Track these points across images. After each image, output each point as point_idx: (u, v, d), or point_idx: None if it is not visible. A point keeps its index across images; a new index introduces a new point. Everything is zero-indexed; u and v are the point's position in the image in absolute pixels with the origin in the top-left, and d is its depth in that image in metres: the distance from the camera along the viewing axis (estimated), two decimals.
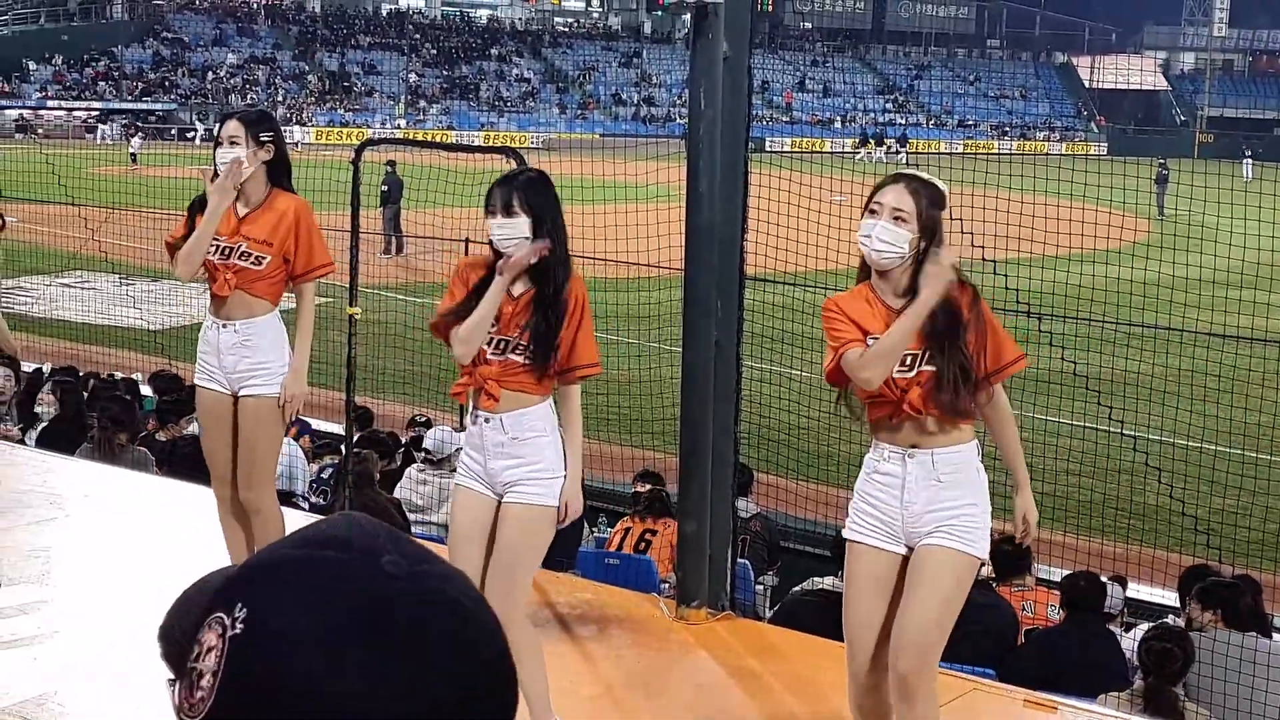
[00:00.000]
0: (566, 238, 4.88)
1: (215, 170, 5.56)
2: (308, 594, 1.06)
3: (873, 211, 4.30)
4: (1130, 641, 7.31)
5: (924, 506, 4.30)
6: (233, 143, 5.49)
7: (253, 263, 5.55)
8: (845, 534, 4.48)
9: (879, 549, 4.37)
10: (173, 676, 1.16)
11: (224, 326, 5.60)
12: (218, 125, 5.64)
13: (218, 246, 5.57)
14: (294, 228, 5.56)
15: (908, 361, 4.26)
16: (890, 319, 4.26)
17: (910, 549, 4.35)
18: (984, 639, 7.12)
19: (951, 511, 4.29)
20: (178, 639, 1.17)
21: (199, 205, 5.64)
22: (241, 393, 5.63)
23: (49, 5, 68.70)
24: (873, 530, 4.37)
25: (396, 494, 9.21)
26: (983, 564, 4.41)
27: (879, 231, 4.25)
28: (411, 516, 9.08)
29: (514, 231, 4.72)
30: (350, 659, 1.03)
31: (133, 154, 46.45)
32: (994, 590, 7.73)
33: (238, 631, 1.05)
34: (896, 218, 4.24)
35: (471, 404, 4.88)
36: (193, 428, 10.43)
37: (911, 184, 4.32)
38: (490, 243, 4.82)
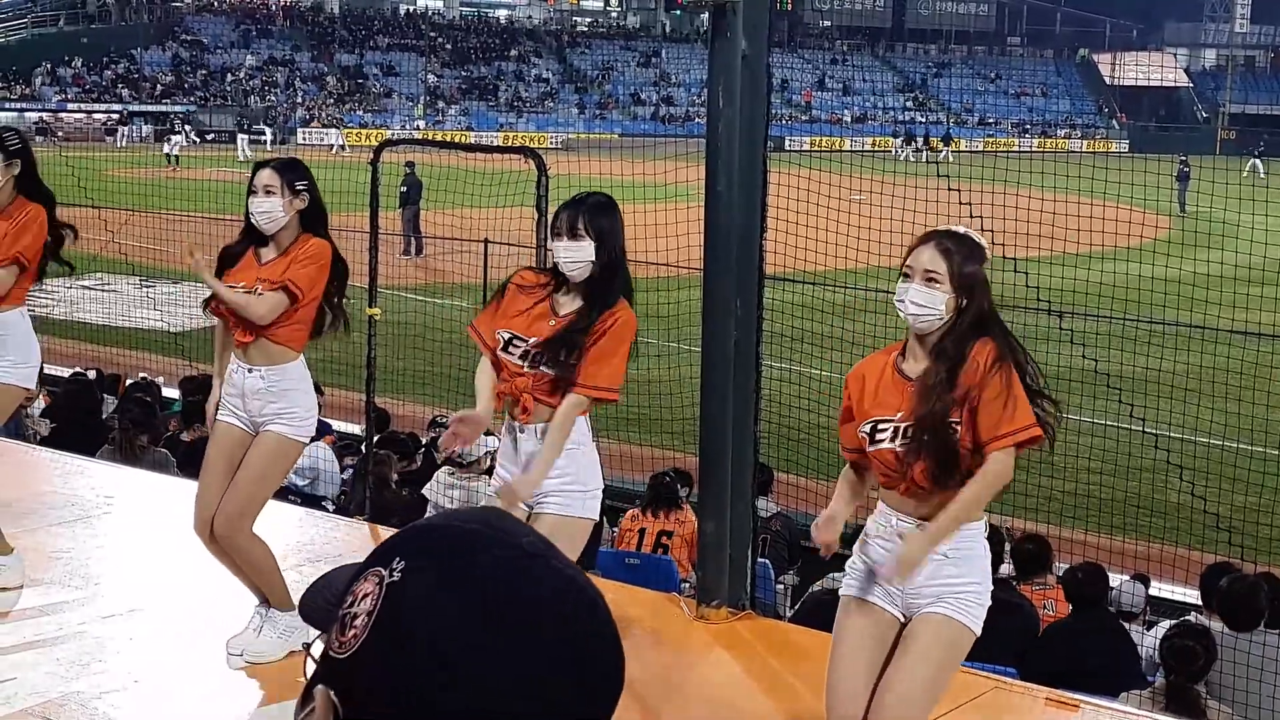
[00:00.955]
0: (626, 264, 4.94)
1: (248, 216, 5.52)
2: (455, 558, 1.19)
3: (905, 275, 4.23)
4: (1152, 640, 7.28)
5: (925, 579, 4.15)
6: (268, 192, 5.40)
7: None
8: (841, 591, 4.36)
9: (874, 605, 4.23)
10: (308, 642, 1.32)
11: (250, 371, 5.51)
12: (251, 172, 5.54)
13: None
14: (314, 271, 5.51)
15: (905, 433, 4.13)
16: (904, 394, 4.15)
17: (906, 619, 4.21)
18: (1005, 637, 7.10)
19: (955, 586, 4.16)
20: (322, 604, 1.29)
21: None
22: (265, 428, 5.56)
23: (68, 8, 68.98)
24: (873, 591, 4.25)
25: (427, 497, 9.20)
26: (976, 639, 4.20)
27: (912, 295, 4.17)
28: None
29: (579, 255, 4.76)
30: (486, 628, 1.15)
31: (172, 155, 46.49)
32: (1015, 589, 7.72)
33: (395, 579, 1.18)
34: (929, 279, 4.16)
35: (506, 414, 4.89)
36: None
37: (943, 243, 4.22)
38: (554, 265, 4.84)
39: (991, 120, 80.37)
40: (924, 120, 77.67)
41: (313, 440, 9.86)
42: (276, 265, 5.46)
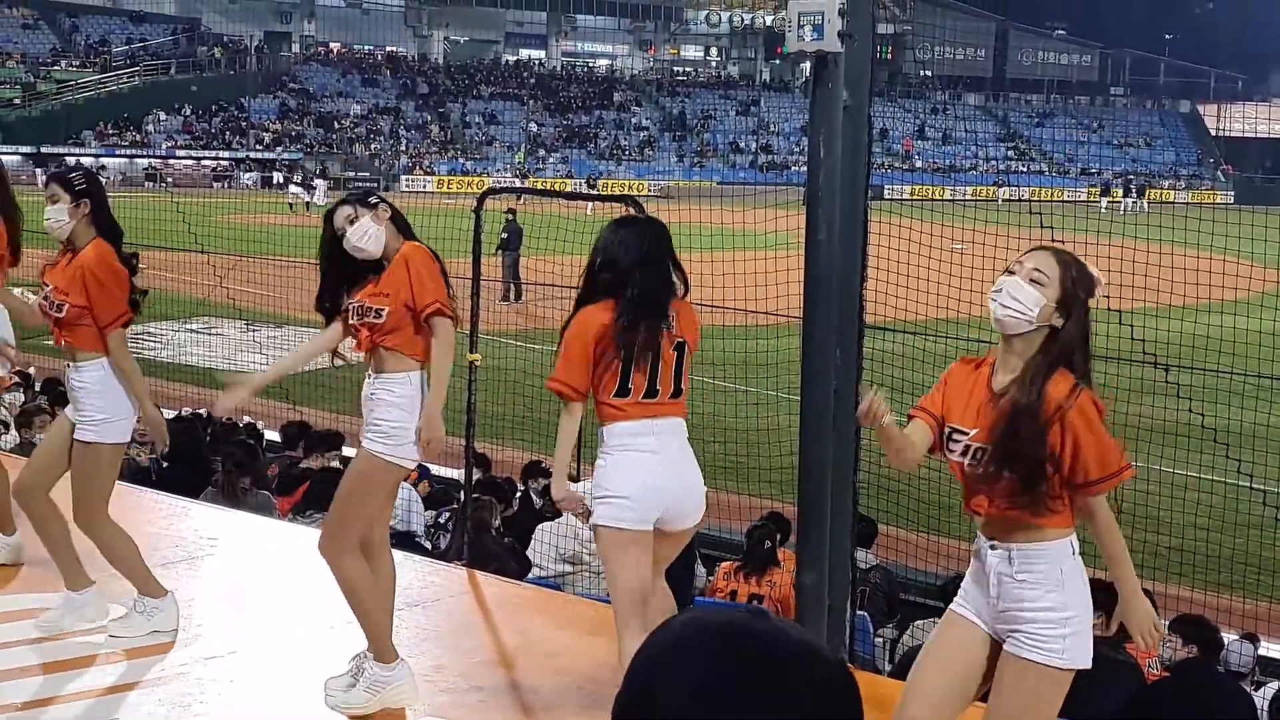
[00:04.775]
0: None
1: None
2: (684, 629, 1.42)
3: (1010, 271, 4.09)
4: (1261, 700, 7.09)
5: (1006, 603, 4.04)
6: (351, 221, 5.48)
7: (374, 316, 5.47)
8: (950, 606, 4.33)
9: (972, 621, 4.16)
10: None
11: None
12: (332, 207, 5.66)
13: (351, 308, 5.55)
14: (404, 271, 5.48)
15: (977, 455, 4.02)
16: (986, 406, 4.01)
17: (999, 641, 4.13)
18: (1108, 695, 6.95)
19: (1030, 615, 3.99)
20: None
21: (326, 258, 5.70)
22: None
23: (179, 57, 70.76)
24: (970, 607, 4.19)
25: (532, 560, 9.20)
26: (1078, 671, 4.02)
27: (1010, 287, 4.02)
28: (561, 567, 9.05)
29: None
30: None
31: (290, 204, 47.51)
32: (1123, 647, 7.56)
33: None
34: (1033, 279, 4.00)
35: None
36: (335, 461, 10.61)
37: (1063, 255, 4.07)
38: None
39: (1094, 170, 79.49)
40: (1024, 169, 77.03)
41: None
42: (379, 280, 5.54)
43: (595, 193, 49.00)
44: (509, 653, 6.51)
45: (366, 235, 5.47)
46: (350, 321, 5.55)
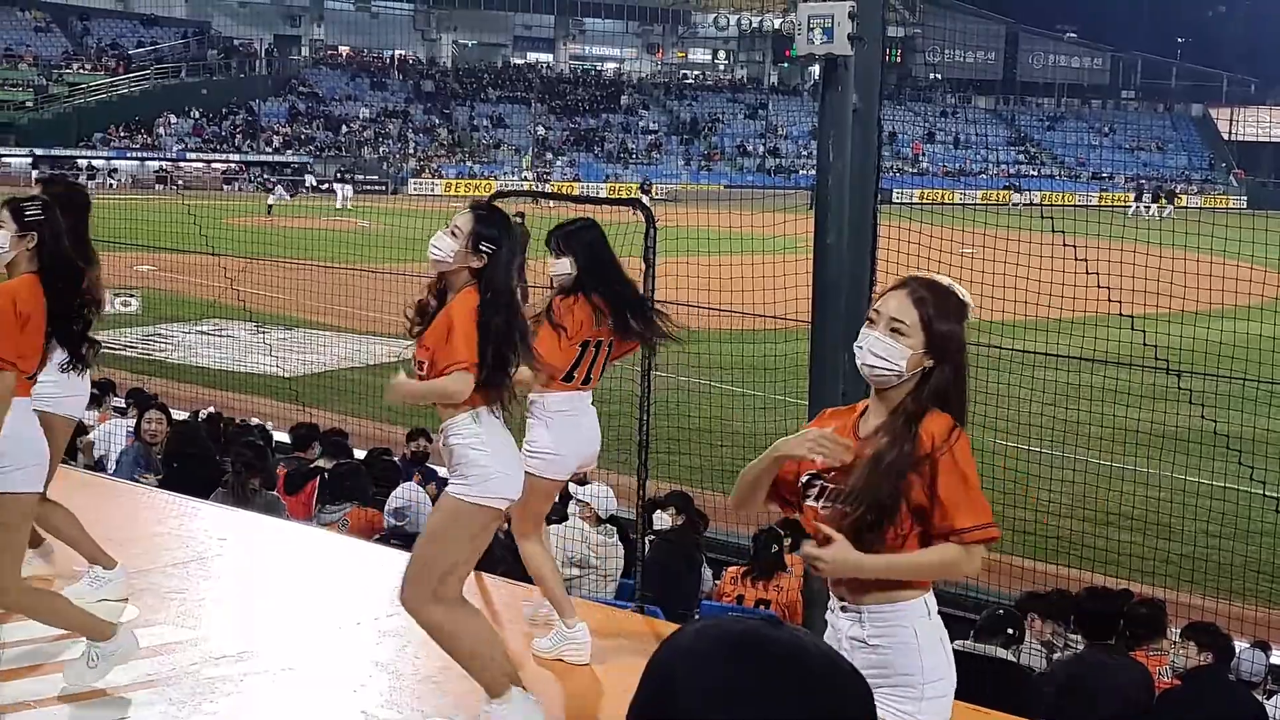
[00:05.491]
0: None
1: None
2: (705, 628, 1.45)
3: (870, 320, 3.78)
4: (1272, 708, 7.07)
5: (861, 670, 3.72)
6: (453, 233, 5.19)
7: (420, 370, 5.24)
8: None
9: None
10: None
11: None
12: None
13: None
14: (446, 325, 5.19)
15: (831, 496, 3.74)
16: (856, 450, 3.72)
17: None
18: (1112, 701, 6.93)
19: (886, 689, 3.67)
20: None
21: None
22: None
23: (190, 60, 70.91)
24: None
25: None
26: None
27: (870, 343, 3.72)
28: (568, 571, 9.04)
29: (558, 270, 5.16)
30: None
31: (269, 205, 47.66)
32: (1125, 654, 7.53)
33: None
34: (894, 329, 3.70)
35: None
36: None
37: (918, 291, 3.74)
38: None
39: (1105, 174, 79.40)
40: (1035, 174, 76.98)
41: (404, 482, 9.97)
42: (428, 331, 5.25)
43: (604, 196, 49.04)
44: (516, 655, 6.51)
45: (437, 246, 5.22)
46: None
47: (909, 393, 3.72)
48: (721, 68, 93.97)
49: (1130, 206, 56.40)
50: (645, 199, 45.72)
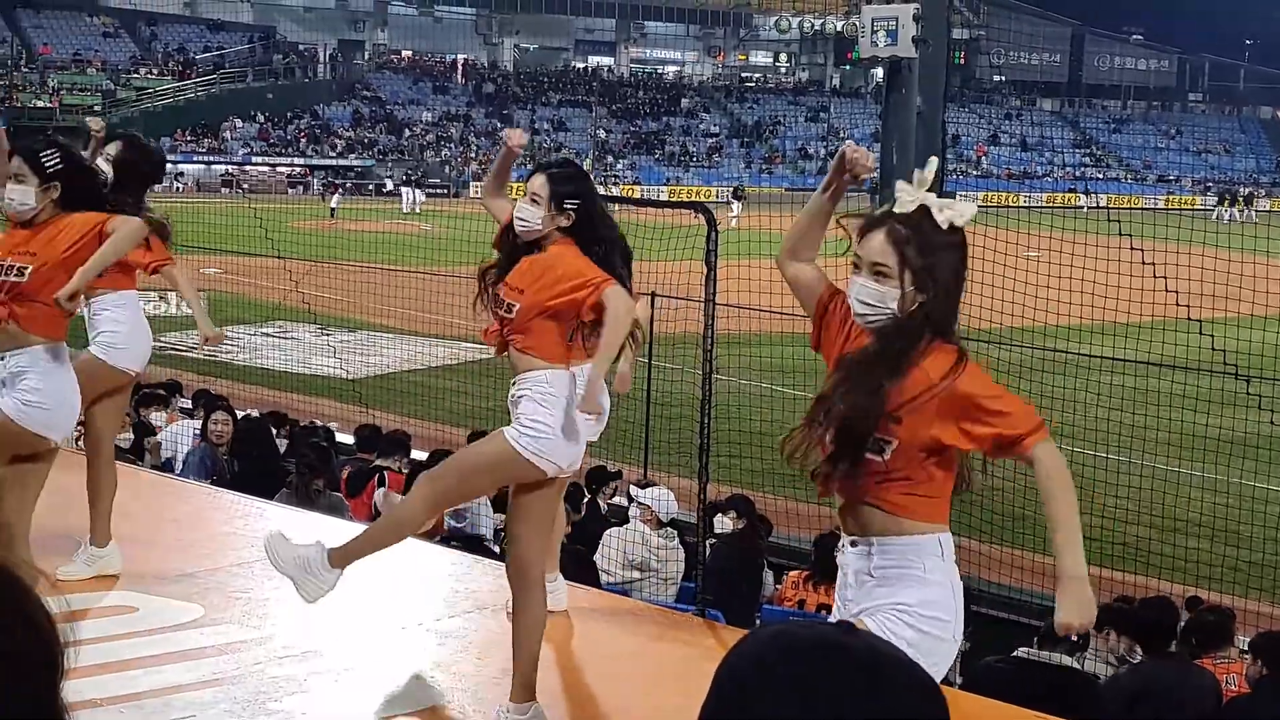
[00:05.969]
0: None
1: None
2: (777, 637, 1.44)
3: (855, 266, 3.68)
4: None
5: (863, 603, 3.65)
6: (534, 200, 5.12)
7: (505, 311, 5.18)
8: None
9: None
10: None
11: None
12: (527, 175, 5.28)
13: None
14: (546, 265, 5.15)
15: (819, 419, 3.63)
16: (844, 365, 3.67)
17: None
18: (1181, 711, 6.84)
19: (882, 607, 3.60)
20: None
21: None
22: None
23: (255, 65, 71.66)
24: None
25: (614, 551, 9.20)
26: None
27: (857, 291, 3.64)
28: (629, 574, 9.05)
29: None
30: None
31: (332, 209, 48.04)
32: (1194, 664, 7.44)
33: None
34: (877, 272, 3.61)
35: None
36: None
37: (895, 229, 3.61)
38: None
39: (1172, 177, 78.48)
40: (1101, 177, 76.19)
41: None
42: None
43: (664, 199, 49.00)
44: (577, 657, 6.51)
45: (524, 224, 5.15)
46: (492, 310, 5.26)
47: (900, 324, 3.59)
48: (783, 70, 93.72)
49: (1212, 211, 55.65)
50: (739, 204, 45.57)
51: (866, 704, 1.34)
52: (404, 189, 56.87)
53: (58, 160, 5.78)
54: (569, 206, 5.09)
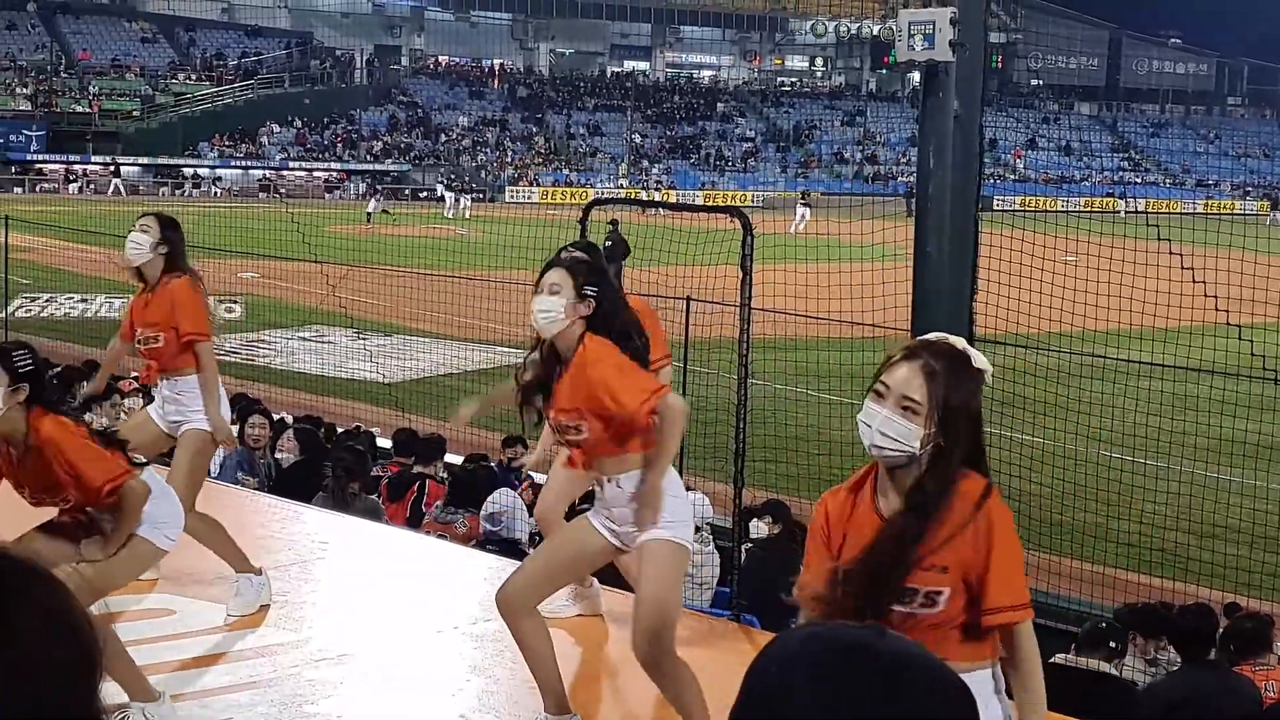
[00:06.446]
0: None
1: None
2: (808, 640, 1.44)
3: (878, 394, 3.45)
4: None
5: None
6: (554, 291, 5.03)
7: (575, 434, 5.13)
8: None
9: None
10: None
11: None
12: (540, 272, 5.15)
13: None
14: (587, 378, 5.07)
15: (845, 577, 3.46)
16: (878, 532, 3.46)
17: None
18: (1226, 716, 6.78)
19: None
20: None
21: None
22: None
23: (293, 70, 72.06)
24: None
25: None
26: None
27: (881, 424, 3.40)
28: None
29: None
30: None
31: (369, 214, 48.17)
32: (1232, 671, 7.37)
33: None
34: (905, 408, 3.39)
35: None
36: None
37: (929, 363, 3.41)
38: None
39: (1211, 181, 77.90)
40: (1139, 181, 75.73)
41: (499, 489, 10.03)
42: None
43: (700, 204, 48.98)
44: (612, 661, 6.52)
45: (547, 316, 5.04)
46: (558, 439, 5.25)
47: (926, 469, 3.43)
48: (819, 74, 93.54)
49: (1267, 217, 55.24)
50: (806, 210, 45.36)
51: (889, 707, 1.34)
52: (448, 194, 57.01)
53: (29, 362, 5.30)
54: (589, 294, 5.01)
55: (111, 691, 5.72)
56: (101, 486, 5.11)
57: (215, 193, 58.25)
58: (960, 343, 3.52)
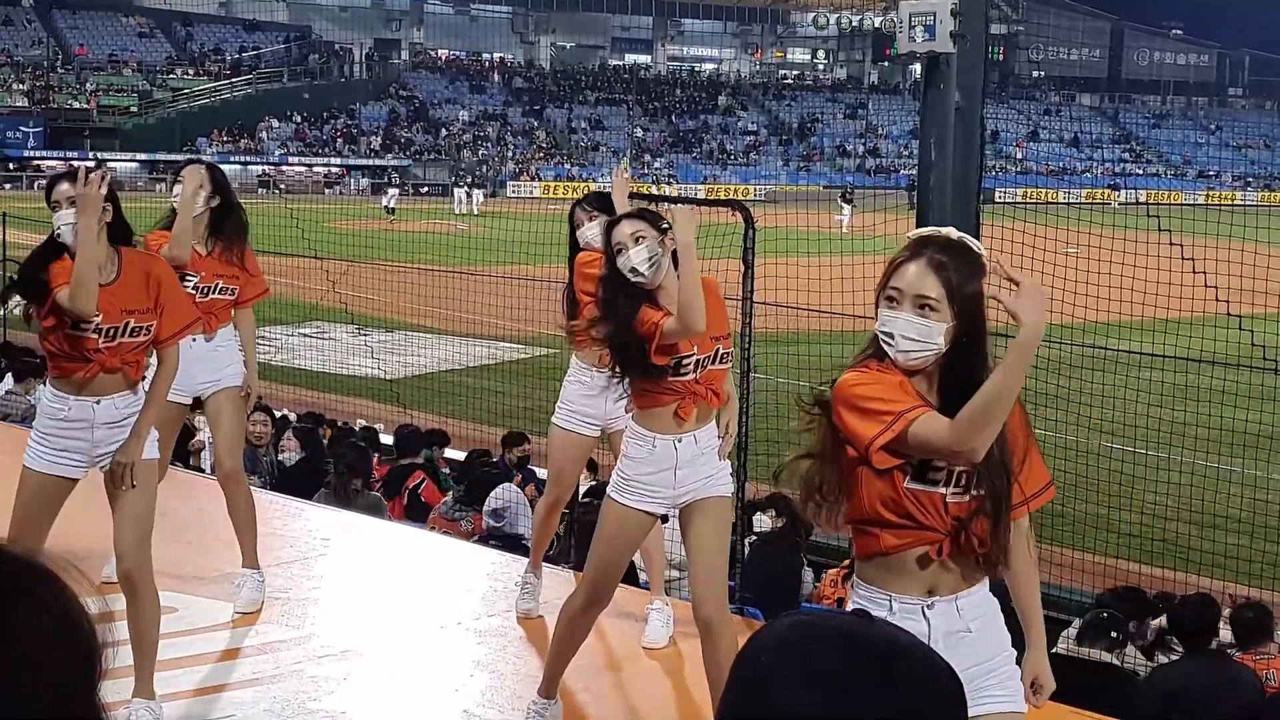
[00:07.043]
0: None
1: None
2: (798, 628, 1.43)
3: (891, 300, 3.36)
4: None
5: (961, 666, 3.45)
6: (640, 239, 4.96)
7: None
8: None
9: None
10: None
11: None
12: (606, 227, 5.18)
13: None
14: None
15: (962, 481, 3.33)
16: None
17: None
18: (1222, 707, 6.79)
19: (993, 667, 3.43)
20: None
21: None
22: None
23: (291, 65, 72.00)
24: None
25: None
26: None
27: (902, 327, 3.31)
28: (669, 573, 9.05)
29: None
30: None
31: (389, 208, 47.80)
32: (1233, 660, 7.38)
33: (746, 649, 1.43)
34: (923, 306, 3.30)
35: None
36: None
37: (935, 258, 3.33)
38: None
39: (1212, 173, 77.84)
40: (1140, 172, 75.70)
41: (504, 484, 10.05)
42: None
43: (702, 197, 48.86)
44: (618, 655, 6.53)
45: (651, 261, 4.98)
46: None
47: (948, 363, 3.35)
48: (821, 67, 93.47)
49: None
50: (849, 208, 45.10)
51: (881, 694, 1.34)
52: (457, 190, 56.82)
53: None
54: (666, 228, 5.01)
55: (111, 691, 5.73)
56: (180, 325, 5.43)
57: None
58: (955, 232, 3.44)
